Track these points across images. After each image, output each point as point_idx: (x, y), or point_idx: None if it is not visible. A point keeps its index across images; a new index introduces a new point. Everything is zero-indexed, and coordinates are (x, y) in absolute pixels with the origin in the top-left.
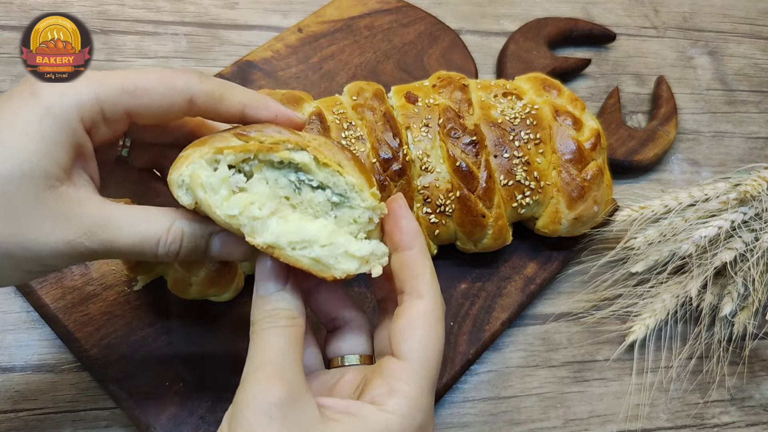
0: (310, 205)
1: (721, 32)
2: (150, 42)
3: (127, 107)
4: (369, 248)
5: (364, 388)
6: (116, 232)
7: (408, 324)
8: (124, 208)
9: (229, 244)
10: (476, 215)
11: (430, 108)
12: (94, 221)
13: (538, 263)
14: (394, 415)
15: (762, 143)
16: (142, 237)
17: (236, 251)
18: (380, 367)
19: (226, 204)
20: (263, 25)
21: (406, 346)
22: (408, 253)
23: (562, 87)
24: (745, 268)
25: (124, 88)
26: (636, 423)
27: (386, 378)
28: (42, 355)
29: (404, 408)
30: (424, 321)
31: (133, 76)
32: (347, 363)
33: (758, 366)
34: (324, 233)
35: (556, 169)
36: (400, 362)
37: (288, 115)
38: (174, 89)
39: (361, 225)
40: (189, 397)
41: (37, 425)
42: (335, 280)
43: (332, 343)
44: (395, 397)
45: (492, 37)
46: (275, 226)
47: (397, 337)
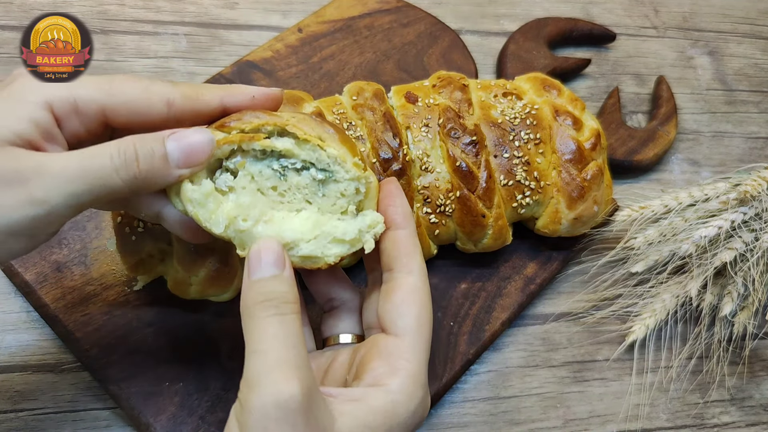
0: (297, 189)
1: (721, 32)
2: (150, 42)
3: (101, 104)
4: (356, 226)
5: (362, 369)
6: (68, 166)
7: (401, 300)
8: (71, 152)
9: None
10: (476, 215)
11: (430, 108)
12: (39, 166)
13: (538, 263)
14: (399, 394)
15: (762, 143)
16: (93, 156)
17: None
18: (375, 346)
19: (214, 218)
20: (263, 25)
21: (402, 322)
22: (401, 232)
23: (562, 87)
24: (745, 268)
25: (99, 85)
26: (636, 423)
27: (386, 357)
28: (42, 355)
29: (408, 386)
30: (417, 296)
31: (111, 77)
32: (342, 341)
33: (758, 366)
34: (308, 227)
35: (556, 169)
36: (397, 339)
37: (264, 92)
38: (150, 91)
39: (349, 197)
40: (189, 397)
41: (37, 425)
42: (330, 266)
43: (329, 323)
44: (398, 376)
45: (492, 37)
46: (261, 234)
47: (392, 313)
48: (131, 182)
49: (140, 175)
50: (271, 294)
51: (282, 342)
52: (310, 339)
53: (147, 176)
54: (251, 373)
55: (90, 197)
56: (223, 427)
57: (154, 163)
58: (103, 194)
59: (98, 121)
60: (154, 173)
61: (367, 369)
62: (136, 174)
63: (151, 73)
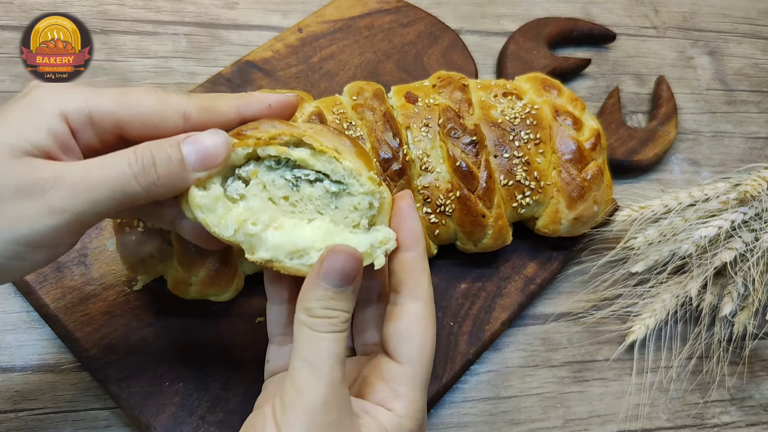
0: (309, 200)
1: (721, 32)
2: (150, 42)
3: (117, 117)
4: (368, 240)
5: (365, 389)
6: (87, 176)
7: (405, 328)
8: (88, 160)
9: None
10: (476, 215)
11: (430, 108)
12: (58, 176)
13: (538, 263)
14: (403, 418)
15: (762, 143)
16: (111, 164)
17: None
18: (378, 369)
19: (223, 223)
20: (263, 25)
21: (406, 350)
22: (409, 255)
23: (562, 87)
24: (745, 268)
25: (115, 98)
26: (636, 423)
27: (389, 382)
28: (42, 355)
29: (410, 411)
30: (422, 325)
31: (127, 89)
32: None
33: (758, 366)
34: (319, 236)
35: (556, 169)
36: (400, 367)
37: (281, 99)
38: (166, 104)
39: (362, 211)
40: (189, 397)
41: (37, 425)
42: None
43: None
44: (400, 401)
45: (492, 37)
46: (271, 239)
47: (395, 339)
48: (150, 188)
49: (159, 181)
50: (335, 308)
51: (334, 360)
52: None
53: (165, 182)
54: (303, 381)
55: (109, 204)
56: (223, 428)
57: (172, 167)
58: (122, 201)
59: (113, 133)
60: (172, 178)
61: (370, 390)
62: (154, 180)
63: (151, 73)
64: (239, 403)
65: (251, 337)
